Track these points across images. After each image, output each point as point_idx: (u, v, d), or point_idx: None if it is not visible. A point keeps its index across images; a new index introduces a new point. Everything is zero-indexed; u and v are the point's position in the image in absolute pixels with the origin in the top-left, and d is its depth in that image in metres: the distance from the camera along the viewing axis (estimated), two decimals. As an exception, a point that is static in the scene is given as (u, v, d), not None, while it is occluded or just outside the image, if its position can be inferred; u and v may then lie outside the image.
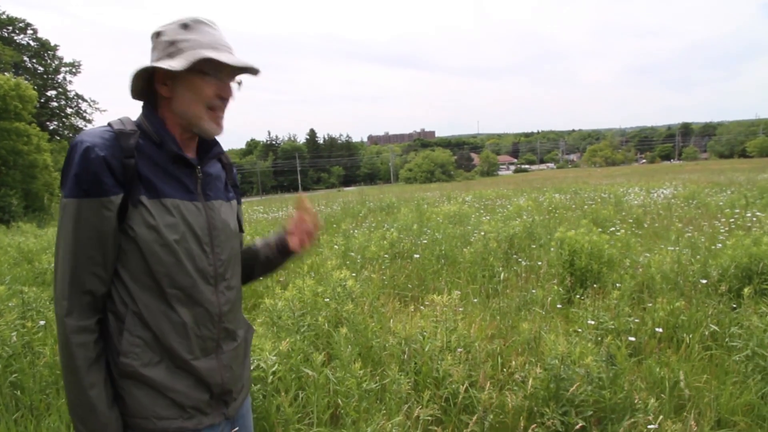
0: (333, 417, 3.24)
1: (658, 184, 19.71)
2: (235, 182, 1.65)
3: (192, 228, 1.36)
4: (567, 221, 9.62)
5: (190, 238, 1.35)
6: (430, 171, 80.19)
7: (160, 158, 1.36)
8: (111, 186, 1.25)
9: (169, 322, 1.33)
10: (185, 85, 1.36)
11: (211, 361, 1.41)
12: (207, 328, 1.40)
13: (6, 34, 37.68)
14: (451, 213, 11.50)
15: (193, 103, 1.36)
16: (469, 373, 3.43)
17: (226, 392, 1.46)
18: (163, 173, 1.35)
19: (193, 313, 1.36)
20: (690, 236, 7.41)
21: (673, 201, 12.91)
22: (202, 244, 1.38)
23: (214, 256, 1.41)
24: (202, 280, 1.37)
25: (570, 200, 14.67)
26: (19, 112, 24.79)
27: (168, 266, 1.31)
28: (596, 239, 5.91)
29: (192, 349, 1.37)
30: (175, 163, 1.38)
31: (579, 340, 3.49)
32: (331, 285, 4.67)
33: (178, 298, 1.34)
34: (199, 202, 1.40)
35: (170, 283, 1.32)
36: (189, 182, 1.40)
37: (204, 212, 1.40)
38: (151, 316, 1.32)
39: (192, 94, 1.36)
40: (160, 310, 1.32)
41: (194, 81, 1.35)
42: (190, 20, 1.37)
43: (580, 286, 5.61)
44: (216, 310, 1.41)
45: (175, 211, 1.33)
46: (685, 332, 4.11)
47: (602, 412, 3.08)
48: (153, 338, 1.32)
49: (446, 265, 6.68)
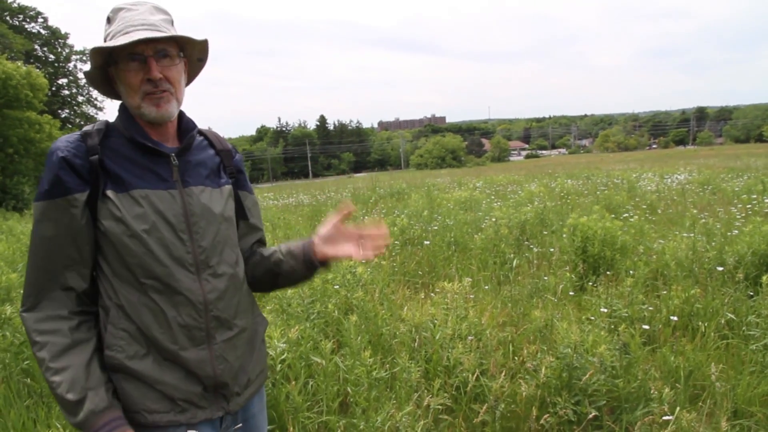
0: (342, 405, 3.22)
1: (672, 170, 19.47)
2: (239, 168, 1.60)
3: (164, 216, 1.33)
4: (579, 207, 9.52)
5: (163, 227, 1.32)
6: (441, 157, 79.97)
7: (131, 151, 1.36)
8: (75, 185, 1.28)
9: (149, 312, 1.31)
10: (119, 79, 1.36)
11: (201, 352, 1.37)
12: (191, 317, 1.34)
13: (17, 23, 37.82)
14: (462, 199, 11.43)
15: (129, 96, 1.35)
16: (480, 362, 3.39)
17: (220, 385, 1.40)
18: (134, 165, 1.34)
19: (173, 302, 1.33)
20: (705, 222, 7.30)
21: (687, 187, 12.74)
22: (177, 231, 1.34)
23: (193, 243, 1.36)
24: (179, 267, 1.33)
25: (582, 186, 14.53)
26: (31, 100, 24.90)
27: (139, 256, 1.30)
28: (609, 225, 5.82)
29: (176, 339, 1.33)
30: (145, 154, 1.36)
31: (592, 328, 3.44)
32: (340, 272, 4.63)
33: (154, 288, 1.32)
34: (175, 190, 1.37)
35: (144, 273, 1.31)
36: (162, 171, 1.37)
37: (180, 199, 1.37)
38: (132, 308, 1.31)
39: (125, 87, 1.35)
40: (140, 301, 1.31)
41: (120, 74, 1.35)
42: (111, 11, 1.37)
43: (593, 273, 5.54)
44: (199, 299, 1.35)
45: (144, 201, 1.31)
46: (701, 320, 4.04)
47: (615, 401, 3.03)
48: (137, 330, 1.32)
49: (457, 252, 6.62)
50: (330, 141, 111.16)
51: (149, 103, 1.34)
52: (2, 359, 3.54)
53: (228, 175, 1.55)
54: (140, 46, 1.30)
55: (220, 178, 1.50)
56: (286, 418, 2.91)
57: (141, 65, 1.32)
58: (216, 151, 1.54)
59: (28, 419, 3.00)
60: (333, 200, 14.80)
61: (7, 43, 31.55)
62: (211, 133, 1.58)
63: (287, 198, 18.37)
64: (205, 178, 1.45)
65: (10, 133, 24.45)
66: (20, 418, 2.98)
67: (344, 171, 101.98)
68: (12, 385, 3.34)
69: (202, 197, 1.41)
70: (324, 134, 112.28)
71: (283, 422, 2.89)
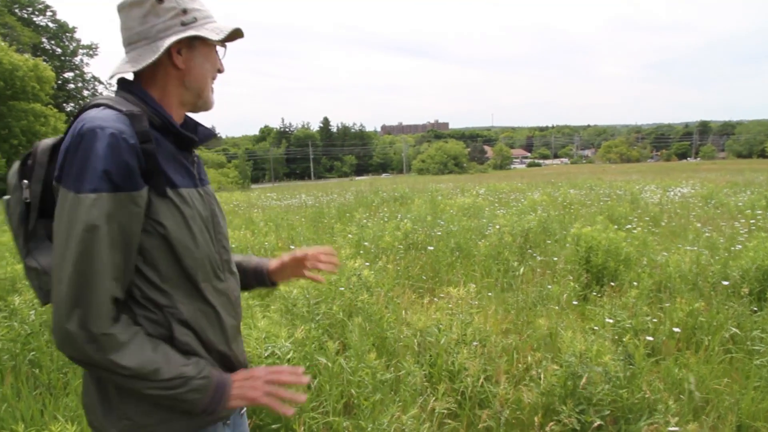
0: (346, 407, 3.23)
1: (674, 183, 19.48)
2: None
3: (203, 217, 1.28)
4: (582, 217, 9.53)
5: (203, 228, 1.28)
6: (443, 162, 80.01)
7: (163, 141, 1.24)
8: (139, 179, 1.12)
9: (204, 316, 1.27)
10: (204, 55, 1.31)
11: (238, 347, 1.39)
12: (232, 316, 1.36)
13: (26, 15, 37.93)
14: (465, 205, 11.44)
15: (207, 75, 1.32)
16: (484, 368, 3.40)
17: None
18: (170, 158, 1.24)
19: (221, 303, 1.32)
20: (709, 236, 7.31)
21: (690, 200, 12.75)
22: (210, 232, 1.31)
23: (217, 243, 1.34)
24: (218, 268, 1.32)
25: (585, 196, 14.54)
26: (37, 93, 24.97)
27: (198, 260, 1.24)
28: (613, 236, 5.84)
29: (227, 340, 1.33)
30: (178, 147, 1.28)
31: (596, 338, 3.45)
32: (345, 274, 4.65)
33: (210, 292, 1.28)
34: (201, 188, 1.32)
35: (203, 277, 1.26)
36: (190, 167, 1.31)
37: (205, 199, 1.33)
38: (190, 314, 1.23)
39: (210, 65, 1.32)
40: (196, 306, 1.25)
41: (210, 52, 1.32)
42: None
43: (597, 283, 5.55)
44: (234, 296, 1.38)
45: (191, 201, 1.25)
46: (705, 334, 4.05)
47: (619, 411, 3.04)
48: (194, 337, 1.25)
49: (460, 258, 6.64)
50: (333, 143, 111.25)
51: (212, 91, 1.36)
52: (10, 350, 3.55)
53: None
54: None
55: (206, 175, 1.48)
56: (291, 418, 2.91)
57: (218, 51, 1.35)
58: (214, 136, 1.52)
59: (36, 409, 3.01)
60: (336, 202, 14.80)
61: (15, 36, 31.65)
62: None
63: (290, 198, 18.38)
64: (206, 175, 1.43)
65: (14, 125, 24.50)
66: (29, 408, 2.99)
67: (346, 173, 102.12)
68: (20, 375, 3.36)
69: (215, 196, 1.40)
70: (327, 136, 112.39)
71: (289, 421, 2.90)
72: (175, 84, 1.29)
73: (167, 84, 1.28)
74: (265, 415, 2.92)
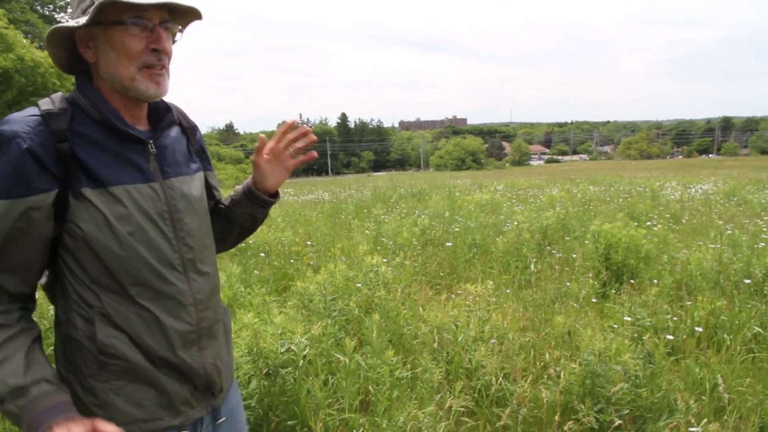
0: (363, 403, 3.23)
1: (695, 179, 19.19)
2: (201, 146, 1.48)
3: (149, 215, 1.19)
4: (602, 214, 9.42)
5: (149, 227, 1.19)
6: (461, 158, 79.82)
7: (102, 137, 1.17)
8: (41, 182, 1.08)
9: (140, 320, 1.18)
10: (107, 43, 1.15)
11: (193, 354, 1.28)
12: (185, 321, 1.26)
13: (47, 12, 38.42)
14: (483, 202, 11.38)
15: (121, 64, 1.15)
16: (501, 365, 3.38)
17: (210, 383, 1.35)
18: (108, 155, 1.16)
19: (165, 308, 1.22)
20: (731, 234, 7.19)
21: (712, 197, 12.55)
22: (164, 231, 1.22)
23: (179, 241, 1.25)
24: (170, 270, 1.23)
25: (604, 192, 14.38)
26: (58, 89, 25.27)
27: (126, 263, 1.16)
28: (633, 233, 5.77)
29: (171, 345, 1.23)
30: (121, 141, 1.19)
31: (615, 336, 3.41)
32: (362, 270, 4.65)
33: (144, 295, 1.19)
34: (155, 183, 1.22)
35: (132, 281, 1.18)
36: (141, 161, 1.21)
37: (163, 194, 1.23)
38: (120, 317, 1.17)
39: (116, 53, 1.15)
40: (129, 310, 1.18)
41: (115, 36, 1.14)
42: None
43: (616, 280, 5.49)
44: (190, 300, 1.27)
45: (126, 200, 1.16)
46: (727, 333, 3.98)
47: (638, 410, 3.00)
48: (128, 339, 1.18)
49: (478, 255, 6.60)
50: (350, 139, 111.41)
51: (147, 78, 1.18)
52: None
53: (195, 154, 1.43)
54: (150, 11, 1.15)
55: (192, 162, 1.39)
56: (308, 414, 2.92)
57: (141, 30, 1.15)
58: (182, 128, 1.41)
59: None
60: (354, 198, 14.82)
61: (36, 32, 32.07)
62: (176, 108, 1.41)
63: (307, 194, 18.44)
64: (181, 165, 1.33)
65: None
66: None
67: (363, 169, 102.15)
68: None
69: (183, 189, 1.29)
70: (344, 132, 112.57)
71: (304, 418, 2.91)
72: (99, 77, 1.20)
73: (96, 78, 1.21)
74: (281, 412, 2.94)
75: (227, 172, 62.95)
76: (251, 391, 2.85)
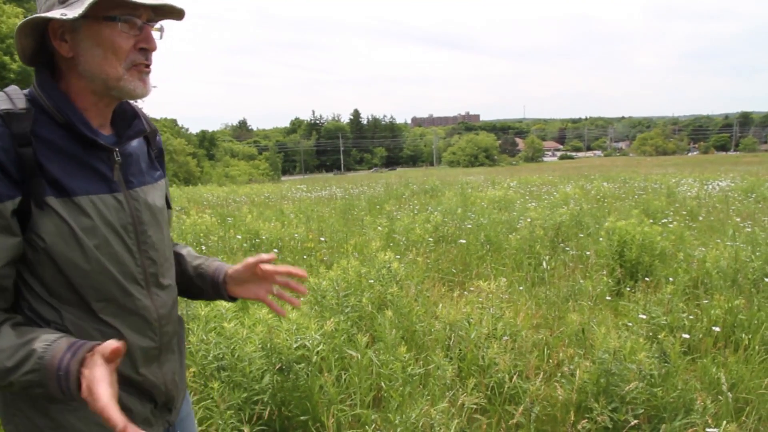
0: (375, 399, 3.23)
1: (713, 176, 18.97)
2: (160, 150, 1.37)
3: (114, 228, 1.11)
4: (616, 211, 9.35)
5: (114, 240, 1.11)
6: (474, 155, 79.68)
7: (65, 142, 1.08)
8: (2, 189, 0.99)
9: (103, 338, 1.03)
10: (92, 38, 1.06)
11: (155, 371, 1.23)
12: (148, 337, 1.20)
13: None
14: (496, 198, 11.33)
15: (108, 62, 1.08)
16: (514, 363, 3.36)
17: (170, 399, 1.30)
18: (71, 161, 1.08)
19: (130, 324, 1.16)
20: (749, 231, 7.09)
21: (729, 194, 12.39)
22: (128, 244, 1.15)
23: (141, 255, 1.18)
24: (134, 285, 1.16)
25: (619, 189, 14.26)
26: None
27: (92, 277, 1.09)
28: (648, 230, 5.71)
29: (134, 363, 1.17)
30: (85, 147, 1.10)
31: (629, 335, 3.38)
32: (375, 266, 4.64)
33: (109, 311, 1.13)
34: (119, 193, 1.14)
35: (97, 296, 1.10)
36: (105, 169, 1.13)
37: (127, 205, 1.16)
38: (81, 333, 1.08)
39: (103, 50, 1.07)
40: (91, 326, 1.11)
41: (102, 31, 1.06)
42: None
43: (631, 278, 5.44)
44: (154, 316, 1.21)
45: (92, 211, 1.08)
46: (745, 332, 3.93)
47: (653, 410, 2.97)
48: None
49: (491, 251, 6.58)
50: (363, 135, 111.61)
51: (135, 78, 1.12)
52: None
53: (156, 159, 1.34)
54: (141, 9, 1.08)
55: (154, 170, 1.31)
56: (320, 410, 2.93)
57: (132, 29, 1.09)
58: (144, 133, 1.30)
59: None
60: (366, 194, 14.83)
61: None
62: (139, 110, 1.29)
63: (320, 191, 18.48)
64: (144, 173, 1.25)
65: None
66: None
67: (376, 165, 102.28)
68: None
69: (147, 199, 1.22)
70: (357, 128, 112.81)
71: (317, 413, 2.91)
72: (73, 73, 1.10)
73: (68, 75, 1.11)
74: (293, 407, 2.94)
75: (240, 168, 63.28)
76: (264, 386, 2.86)
